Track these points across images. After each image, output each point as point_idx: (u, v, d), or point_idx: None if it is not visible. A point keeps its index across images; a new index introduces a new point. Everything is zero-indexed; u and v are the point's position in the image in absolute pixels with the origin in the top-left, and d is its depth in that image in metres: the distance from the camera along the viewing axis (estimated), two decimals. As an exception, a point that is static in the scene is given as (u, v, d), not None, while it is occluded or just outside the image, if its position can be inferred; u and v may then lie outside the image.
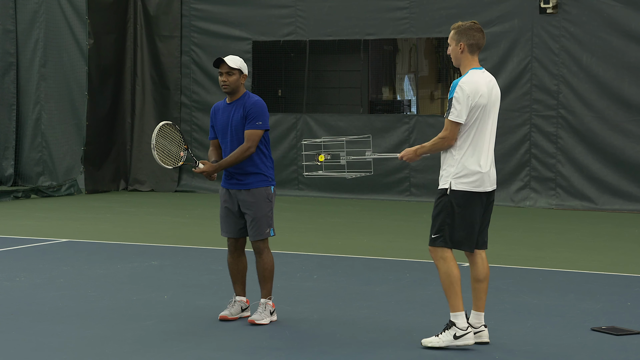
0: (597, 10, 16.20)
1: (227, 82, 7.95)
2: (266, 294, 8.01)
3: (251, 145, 7.88)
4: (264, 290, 8.03)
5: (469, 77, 7.21)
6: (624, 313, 8.43)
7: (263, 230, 7.96)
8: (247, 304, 8.17)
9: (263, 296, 8.03)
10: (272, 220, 8.04)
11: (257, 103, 7.97)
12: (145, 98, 19.13)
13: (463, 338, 7.19)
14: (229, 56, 8.04)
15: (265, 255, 7.99)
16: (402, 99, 20.68)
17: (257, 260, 8.01)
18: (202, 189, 18.65)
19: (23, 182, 19.26)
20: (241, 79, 7.99)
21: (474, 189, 7.17)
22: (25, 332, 7.64)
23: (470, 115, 7.14)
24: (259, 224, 7.94)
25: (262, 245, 7.99)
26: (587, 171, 16.36)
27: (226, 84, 7.95)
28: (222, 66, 7.96)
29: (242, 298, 8.15)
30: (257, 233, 7.96)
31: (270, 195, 8.01)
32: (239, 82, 7.98)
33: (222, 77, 7.96)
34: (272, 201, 8.04)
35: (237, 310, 8.10)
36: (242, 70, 7.99)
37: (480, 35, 7.28)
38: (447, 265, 7.19)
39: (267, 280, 8.00)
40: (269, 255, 8.00)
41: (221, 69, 7.96)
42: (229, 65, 7.92)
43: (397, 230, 14.02)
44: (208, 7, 18.67)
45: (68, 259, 11.06)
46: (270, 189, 8.02)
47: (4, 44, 19.21)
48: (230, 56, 8.04)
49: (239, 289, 8.16)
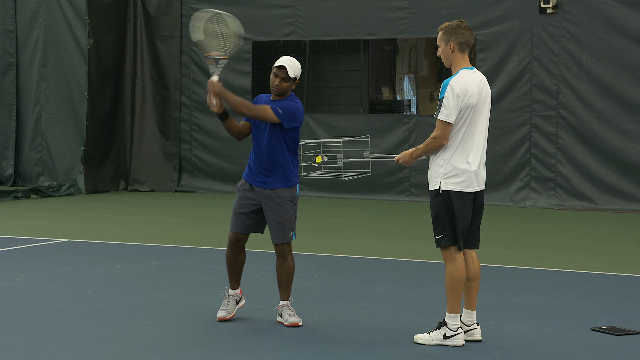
0: (597, 10, 16.20)
1: (279, 87, 7.79)
2: (288, 296, 8.00)
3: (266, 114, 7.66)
4: (285, 293, 7.98)
5: (460, 76, 7.23)
6: (624, 313, 8.43)
7: (287, 233, 7.90)
8: (240, 294, 8.17)
9: (285, 299, 7.99)
10: (295, 223, 7.98)
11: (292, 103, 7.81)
12: (145, 98, 19.13)
13: (452, 339, 7.24)
14: (289, 62, 7.82)
15: (289, 258, 7.95)
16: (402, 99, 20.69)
17: (281, 263, 7.96)
18: (202, 189, 18.66)
19: (23, 182, 19.26)
20: (293, 85, 7.86)
21: (463, 189, 7.20)
22: (25, 332, 7.64)
23: (460, 115, 7.17)
24: (283, 227, 7.88)
25: (287, 249, 7.93)
26: (587, 171, 16.37)
27: (278, 88, 7.80)
28: (280, 71, 7.81)
29: (235, 291, 8.14)
30: (282, 236, 7.89)
31: (295, 198, 7.94)
32: (290, 89, 7.87)
33: (276, 80, 7.78)
34: (296, 204, 7.97)
35: (233, 307, 8.09)
36: (297, 77, 7.85)
37: (469, 33, 7.30)
38: (454, 267, 7.21)
39: (289, 283, 7.97)
40: (292, 258, 7.97)
41: (278, 72, 7.80)
42: (288, 74, 7.78)
43: (397, 230, 14.02)
44: (208, 7, 18.60)
45: (68, 259, 11.06)
46: (295, 189, 7.95)
47: (4, 44, 19.21)
48: (290, 62, 7.82)
49: (234, 282, 8.14)
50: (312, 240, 12.68)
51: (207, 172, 18.78)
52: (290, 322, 7.84)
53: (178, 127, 18.93)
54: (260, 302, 8.63)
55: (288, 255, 7.94)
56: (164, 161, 19.00)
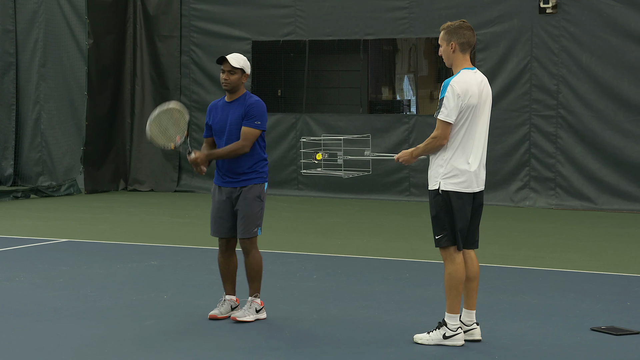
0: (597, 10, 16.20)
1: (228, 81, 7.97)
2: (253, 292, 8.05)
3: (246, 144, 7.91)
4: (251, 289, 8.07)
5: (460, 77, 7.23)
6: (624, 313, 8.43)
7: (250, 229, 7.99)
8: (236, 302, 8.18)
9: (250, 294, 8.07)
10: (261, 220, 8.08)
11: (258, 103, 8.00)
12: (144, 98, 19.12)
13: (452, 339, 7.25)
14: (233, 54, 8.05)
15: (252, 254, 8.02)
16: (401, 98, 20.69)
17: (245, 259, 8.06)
18: (202, 189, 18.65)
19: (22, 182, 19.26)
20: (243, 78, 8.01)
21: (463, 189, 7.20)
22: (25, 332, 7.64)
23: (460, 116, 7.17)
24: (247, 223, 7.97)
25: (250, 245, 8.02)
26: (587, 171, 16.36)
27: (227, 82, 7.97)
28: (224, 64, 7.97)
29: (231, 297, 8.16)
30: (245, 231, 7.99)
31: (262, 194, 8.04)
32: (240, 82, 8.00)
33: (224, 75, 7.97)
34: (264, 200, 8.07)
35: (227, 309, 8.11)
36: (245, 69, 7.99)
37: (471, 34, 7.30)
38: (454, 267, 7.22)
39: (254, 279, 8.04)
40: (256, 253, 8.04)
41: (223, 66, 7.97)
42: (232, 65, 7.93)
43: (396, 230, 14.02)
44: (208, 7, 18.67)
45: (68, 259, 11.06)
46: (263, 186, 8.05)
47: (4, 44, 19.20)
48: (234, 54, 8.05)
49: (229, 288, 8.18)
50: (312, 240, 12.68)
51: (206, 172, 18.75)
52: (233, 315, 7.95)
53: (178, 127, 18.90)
54: (260, 302, 8.63)
55: (251, 251, 8.02)
56: (164, 161, 19.00)
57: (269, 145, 17.06)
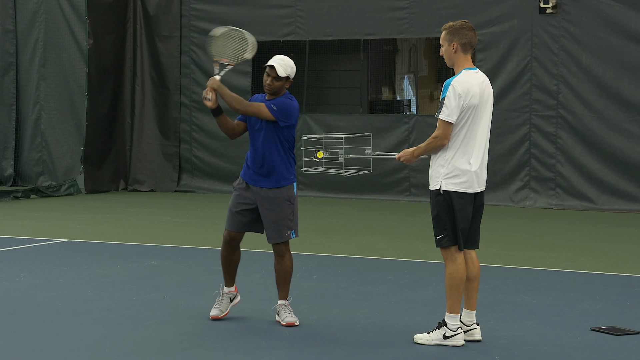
0: (597, 10, 16.20)
1: (272, 87, 7.85)
2: (285, 296, 7.98)
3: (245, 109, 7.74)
4: (283, 292, 7.97)
5: (462, 76, 7.22)
6: (624, 313, 8.43)
7: (283, 232, 7.88)
8: (235, 292, 8.16)
9: (283, 298, 7.97)
10: (295, 222, 7.96)
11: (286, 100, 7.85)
12: (145, 98, 19.13)
13: (452, 339, 7.25)
14: (280, 60, 7.88)
15: (287, 257, 7.94)
16: (401, 99, 20.70)
17: (279, 262, 7.94)
18: (202, 189, 18.66)
19: (23, 182, 19.25)
20: (286, 84, 7.90)
21: (464, 189, 7.20)
22: (25, 332, 7.64)
23: (462, 116, 7.16)
24: (279, 227, 7.87)
25: (284, 248, 7.92)
26: (587, 171, 16.37)
27: (271, 87, 7.85)
28: (270, 70, 7.85)
29: (230, 289, 8.14)
30: (278, 236, 7.88)
31: (292, 197, 7.92)
32: (283, 87, 7.89)
33: (268, 80, 7.84)
34: (294, 202, 7.95)
35: (227, 305, 8.09)
36: (290, 76, 7.88)
37: (472, 34, 7.30)
38: (455, 267, 7.21)
39: (287, 282, 7.96)
40: (290, 257, 7.96)
41: (269, 71, 7.86)
42: (278, 74, 7.82)
43: (397, 230, 14.02)
44: (208, 7, 18.67)
45: (68, 259, 11.06)
46: (292, 187, 7.93)
47: (4, 44, 19.20)
48: (281, 60, 7.88)
49: (228, 280, 8.14)
50: (312, 240, 12.68)
51: (206, 172, 18.78)
52: (286, 322, 7.84)
53: (178, 127, 18.93)
54: (259, 302, 8.63)
55: (285, 255, 7.93)
56: (164, 161, 19.00)
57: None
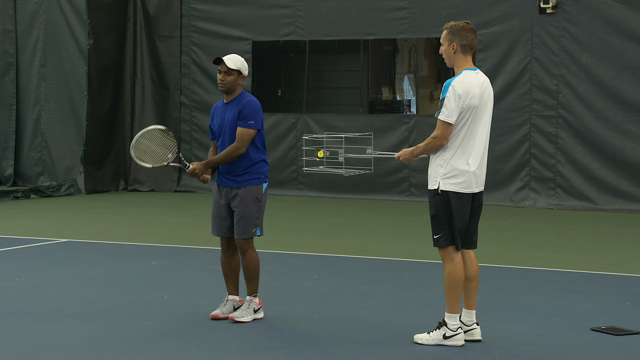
0: (597, 10, 16.20)
1: (224, 82, 7.99)
2: (251, 292, 8.06)
3: (241, 146, 7.91)
4: (248, 289, 8.08)
5: (462, 77, 7.22)
6: (624, 313, 8.43)
7: (248, 229, 7.98)
8: (240, 303, 8.18)
9: (248, 294, 8.08)
10: (260, 220, 8.07)
11: (251, 102, 7.99)
12: (145, 98, 19.13)
13: (452, 339, 7.25)
14: (230, 55, 8.07)
15: (249, 254, 8.02)
16: (401, 99, 20.68)
17: (242, 259, 8.07)
18: (202, 189, 18.65)
19: (23, 182, 19.25)
20: (239, 79, 8.02)
21: (462, 190, 7.21)
22: (25, 332, 7.64)
23: (461, 116, 7.17)
24: (244, 223, 7.97)
25: (246, 245, 8.01)
26: (587, 171, 16.36)
27: (223, 83, 8.00)
28: (221, 65, 7.99)
29: (234, 297, 8.16)
30: (242, 232, 7.99)
31: (260, 195, 8.02)
32: (236, 83, 8.01)
33: (220, 75, 8.01)
34: (262, 201, 8.05)
35: (229, 309, 8.11)
36: (242, 70, 8.00)
37: (473, 36, 7.30)
38: (453, 267, 7.22)
39: (252, 279, 8.04)
40: (252, 254, 8.03)
41: (220, 67, 8.00)
42: (228, 66, 7.95)
43: (397, 230, 14.02)
44: (208, 7, 18.67)
45: (68, 259, 11.06)
46: (261, 187, 8.03)
47: (4, 44, 19.20)
48: (230, 55, 8.07)
49: (231, 288, 8.18)
50: (312, 240, 12.68)
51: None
52: (231, 315, 7.96)
53: (178, 127, 18.93)
54: (260, 302, 8.63)
55: (247, 252, 8.02)
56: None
57: (269, 145, 17.04)
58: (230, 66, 7.95)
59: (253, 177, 8.01)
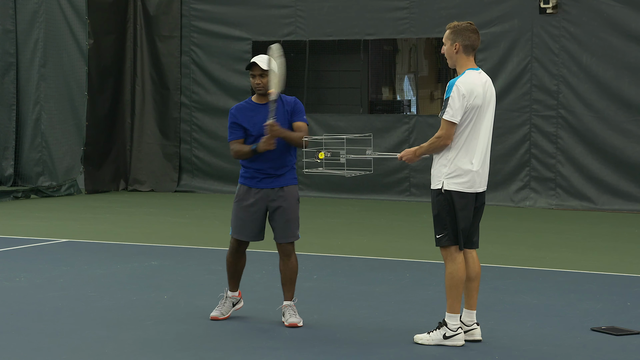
0: (597, 11, 16.20)
1: (261, 84, 7.86)
2: (292, 296, 7.97)
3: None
4: (289, 293, 7.95)
5: (466, 77, 7.22)
6: (624, 313, 8.43)
7: (295, 232, 7.90)
8: (238, 297, 8.17)
9: (289, 298, 7.95)
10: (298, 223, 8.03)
11: (298, 101, 8.02)
12: (145, 98, 19.13)
13: (452, 339, 7.25)
14: (260, 57, 7.91)
15: (293, 257, 7.94)
16: (402, 99, 20.68)
17: (285, 263, 7.92)
18: (202, 189, 18.65)
19: (23, 182, 19.26)
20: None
21: (466, 189, 7.20)
22: (25, 332, 7.64)
23: (465, 116, 7.16)
24: (291, 226, 7.88)
25: (292, 248, 7.92)
26: (587, 171, 16.37)
27: (260, 86, 7.86)
28: (254, 69, 7.87)
29: (234, 293, 8.15)
30: (289, 235, 7.89)
31: (298, 195, 8.01)
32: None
33: (256, 79, 7.86)
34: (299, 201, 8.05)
35: (229, 308, 8.10)
36: (274, 69, 7.90)
37: (476, 37, 7.29)
38: (454, 267, 7.21)
39: (294, 282, 7.95)
40: (296, 258, 7.96)
41: (253, 71, 7.86)
42: (262, 68, 7.84)
43: (397, 230, 14.02)
44: (208, 7, 18.67)
45: (68, 259, 11.06)
46: (297, 187, 8.02)
47: (4, 44, 19.20)
48: (261, 57, 7.91)
49: (233, 285, 8.15)
50: (312, 240, 12.67)
51: (207, 172, 18.78)
52: (289, 323, 7.83)
53: (178, 127, 18.93)
54: (260, 302, 8.63)
55: (292, 255, 7.93)
56: (164, 161, 19.00)
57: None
58: (265, 67, 7.82)
59: (293, 177, 7.95)
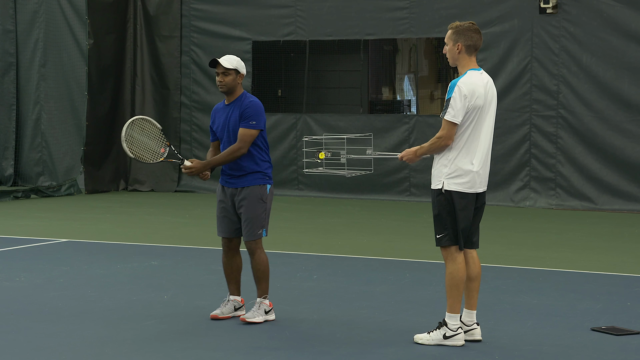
0: (597, 11, 16.20)
1: (223, 82, 7.96)
2: (261, 293, 8.03)
3: (242, 146, 7.89)
4: (259, 290, 8.05)
5: (468, 77, 7.22)
6: (624, 313, 8.43)
7: (255, 231, 7.96)
8: (241, 303, 8.18)
9: (258, 295, 8.05)
10: (266, 221, 8.04)
11: (253, 103, 7.97)
12: (145, 98, 19.13)
13: (452, 339, 7.25)
14: (225, 56, 8.03)
15: (257, 255, 8.00)
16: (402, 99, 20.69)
17: (251, 260, 8.04)
18: (202, 189, 18.66)
19: (23, 182, 19.26)
20: (238, 78, 7.99)
21: (466, 190, 7.20)
22: (25, 332, 7.64)
23: (467, 117, 7.16)
24: (251, 225, 7.95)
25: (255, 246, 8.00)
26: (587, 171, 16.37)
27: (222, 84, 7.97)
28: (217, 67, 7.97)
29: (236, 297, 8.16)
30: (250, 234, 7.97)
31: (265, 196, 8.00)
32: (235, 82, 7.98)
33: (219, 77, 7.98)
34: (267, 201, 8.02)
35: (230, 310, 8.11)
36: (239, 69, 7.98)
37: (478, 37, 7.29)
38: (455, 267, 7.21)
39: (262, 280, 8.01)
40: (261, 255, 8.01)
41: (217, 69, 7.98)
42: (224, 66, 7.93)
43: (397, 230, 14.02)
44: (208, 7, 18.67)
45: (68, 259, 11.06)
46: (265, 188, 8.01)
47: (4, 44, 19.21)
48: (226, 56, 8.03)
49: (232, 288, 8.17)
50: (312, 240, 12.68)
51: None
52: (241, 317, 7.93)
53: (178, 127, 18.94)
54: (260, 302, 8.62)
55: (256, 252, 7.99)
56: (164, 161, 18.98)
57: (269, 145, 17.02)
58: (227, 66, 7.92)
59: (256, 178, 7.99)
